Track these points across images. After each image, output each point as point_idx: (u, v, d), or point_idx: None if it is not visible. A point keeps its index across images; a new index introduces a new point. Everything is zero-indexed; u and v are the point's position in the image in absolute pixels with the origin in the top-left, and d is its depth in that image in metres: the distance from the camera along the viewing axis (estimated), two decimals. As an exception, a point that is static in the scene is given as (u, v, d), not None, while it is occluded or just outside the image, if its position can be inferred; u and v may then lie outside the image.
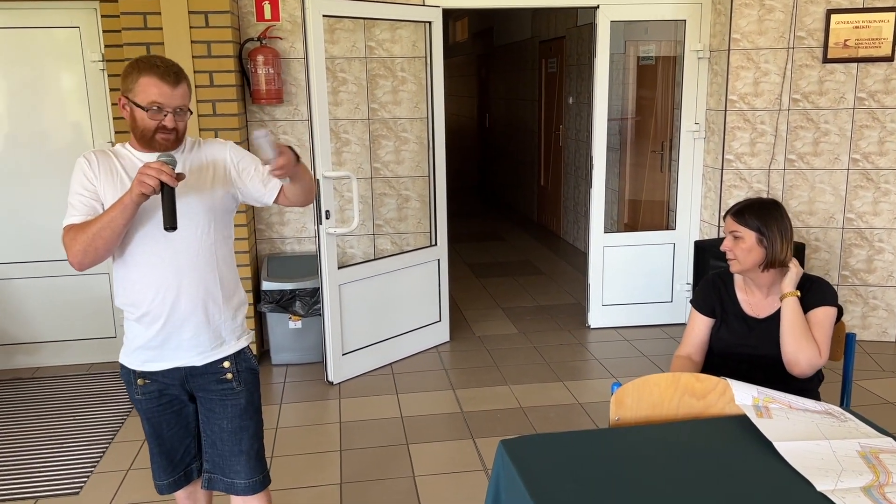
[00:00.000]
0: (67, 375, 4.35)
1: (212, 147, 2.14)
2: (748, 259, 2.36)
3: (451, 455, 3.36)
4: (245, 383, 2.18)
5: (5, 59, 4.18)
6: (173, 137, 2.01)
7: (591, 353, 4.61)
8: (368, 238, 4.79)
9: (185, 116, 2.02)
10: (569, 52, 7.29)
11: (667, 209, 5.27)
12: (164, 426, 2.19)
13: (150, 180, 1.83)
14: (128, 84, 1.98)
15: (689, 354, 2.50)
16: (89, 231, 1.91)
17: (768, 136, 4.50)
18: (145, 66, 1.96)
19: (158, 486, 2.28)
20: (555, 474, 1.71)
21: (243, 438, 2.18)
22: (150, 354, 2.11)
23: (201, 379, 2.14)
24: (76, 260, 1.96)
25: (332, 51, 4.47)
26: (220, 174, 2.11)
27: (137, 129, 2.00)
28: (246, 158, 2.15)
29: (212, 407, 2.17)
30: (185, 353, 2.10)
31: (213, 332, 2.12)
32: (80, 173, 2.02)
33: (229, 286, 2.15)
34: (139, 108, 1.96)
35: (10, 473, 3.26)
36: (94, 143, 4.30)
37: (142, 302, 2.05)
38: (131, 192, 1.87)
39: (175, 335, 2.08)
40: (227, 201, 2.12)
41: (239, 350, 2.18)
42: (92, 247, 1.92)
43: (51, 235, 4.35)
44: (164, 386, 2.15)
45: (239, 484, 2.20)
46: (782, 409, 1.95)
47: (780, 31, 4.38)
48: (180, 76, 1.98)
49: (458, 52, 12.20)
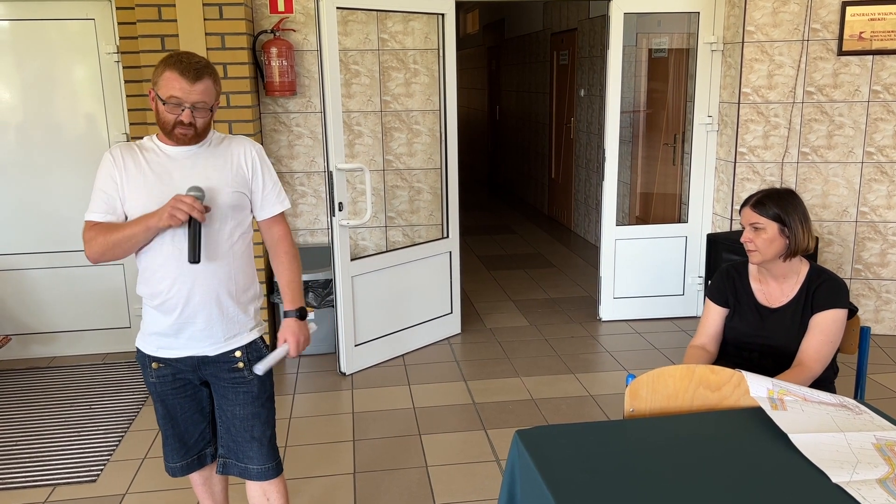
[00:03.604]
0: (83, 365, 4.39)
1: (238, 145, 2.18)
2: (770, 250, 2.35)
3: (463, 446, 3.38)
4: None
5: (21, 50, 4.21)
6: (191, 133, 2.04)
7: (603, 346, 4.61)
8: (381, 230, 4.81)
9: (206, 113, 2.05)
10: (581, 45, 7.26)
11: (679, 202, 5.26)
12: (178, 409, 2.24)
13: (181, 214, 1.92)
14: (155, 77, 2.04)
15: (703, 344, 2.51)
16: (110, 239, 1.99)
17: (782, 128, 4.48)
18: (171, 61, 2.01)
19: (171, 468, 2.32)
20: (570, 465, 1.72)
21: (255, 425, 2.22)
22: (164, 341, 2.15)
23: (213, 367, 2.18)
24: (93, 258, 2.04)
25: (345, 43, 4.48)
26: (240, 172, 2.15)
27: (160, 122, 2.05)
28: (262, 170, 2.20)
29: (224, 394, 2.21)
30: (198, 343, 2.14)
31: (226, 323, 2.15)
32: (105, 170, 2.06)
33: (244, 279, 2.18)
34: (160, 102, 2.01)
35: (28, 461, 3.30)
36: (108, 134, 4.33)
37: (159, 292, 2.09)
38: (160, 219, 1.94)
39: (189, 325, 2.11)
40: (243, 199, 2.16)
41: (251, 341, 2.21)
42: (110, 252, 2.01)
43: (66, 226, 4.39)
44: (178, 370, 2.19)
45: (252, 469, 2.24)
46: (797, 402, 1.96)
47: (795, 24, 4.36)
48: (202, 73, 2.01)
49: (469, 44, 12.18)
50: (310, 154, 4.59)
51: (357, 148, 4.65)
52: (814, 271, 2.41)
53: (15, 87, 4.25)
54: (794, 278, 2.41)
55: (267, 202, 2.20)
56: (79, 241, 4.38)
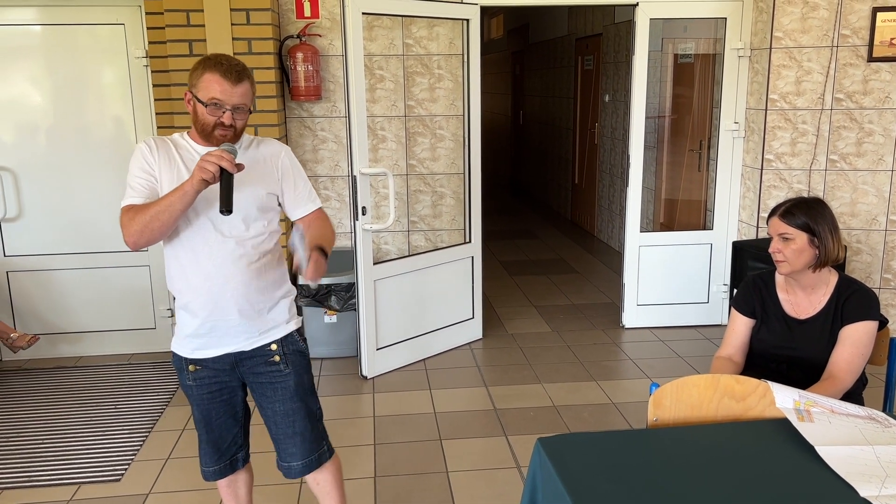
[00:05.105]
0: (109, 365, 4.45)
1: (269, 146, 2.21)
2: (799, 260, 2.32)
3: (484, 452, 3.37)
4: (293, 365, 2.23)
5: (52, 55, 4.29)
6: (231, 134, 2.07)
7: (626, 353, 4.58)
8: (403, 234, 4.82)
9: (245, 115, 2.08)
10: (606, 50, 7.23)
11: (704, 209, 5.21)
12: (213, 414, 2.25)
13: (211, 166, 1.90)
14: (193, 79, 2.05)
15: (729, 355, 2.47)
16: (148, 213, 1.97)
17: (810, 135, 4.42)
18: (210, 63, 2.03)
19: (205, 472, 2.34)
20: (593, 474, 1.71)
21: (297, 420, 2.24)
22: (199, 342, 2.17)
23: (250, 362, 2.20)
24: (132, 240, 2.01)
25: (370, 48, 4.50)
26: (270, 173, 2.17)
27: (198, 124, 2.07)
28: (293, 169, 2.21)
29: (263, 391, 2.23)
30: (233, 339, 2.16)
31: (259, 318, 2.17)
32: (140, 157, 2.08)
33: (274, 279, 2.20)
34: (200, 104, 2.03)
35: (54, 460, 3.35)
36: (136, 137, 4.39)
37: (189, 288, 2.12)
38: (192, 179, 1.93)
39: (222, 322, 2.13)
40: (273, 199, 2.18)
41: (286, 334, 2.23)
42: (148, 228, 1.97)
43: (93, 227, 4.46)
44: (215, 373, 2.21)
45: (295, 466, 2.27)
46: (824, 414, 1.93)
47: (824, 30, 4.30)
48: (242, 75, 2.04)
49: (493, 49, 12.18)
50: (334, 158, 4.62)
51: (381, 152, 4.67)
52: (843, 282, 2.37)
53: (46, 90, 4.33)
54: (823, 289, 2.37)
55: (300, 201, 2.22)
56: (106, 243, 4.47)
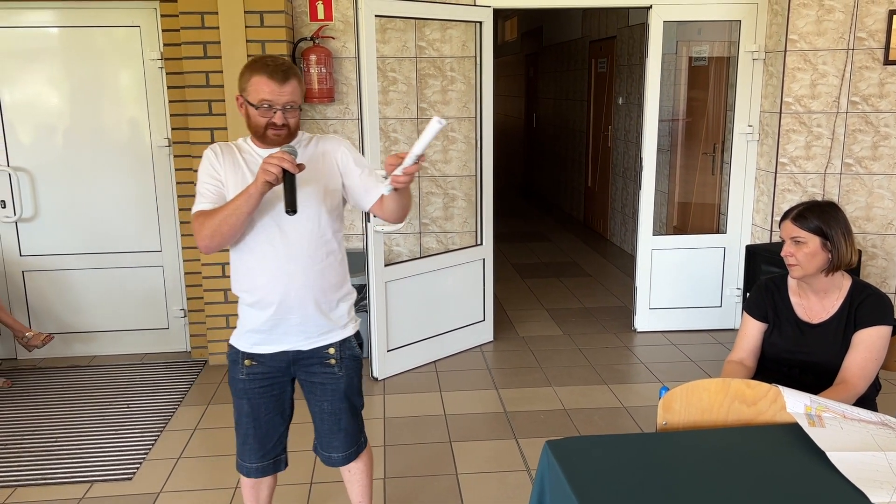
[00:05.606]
0: (122, 364, 4.48)
1: (327, 143, 2.23)
2: (811, 264, 2.30)
3: (494, 454, 3.36)
4: (347, 369, 2.29)
5: (69, 57, 4.33)
6: (284, 133, 2.09)
7: (637, 357, 4.56)
8: (415, 236, 4.83)
9: (296, 112, 2.10)
10: (619, 52, 7.21)
11: (717, 212, 5.18)
12: (262, 409, 2.28)
13: (274, 168, 1.92)
14: (242, 84, 2.08)
15: (741, 360, 2.46)
16: (216, 218, 2.01)
17: (825, 139, 4.39)
18: (256, 65, 2.06)
19: (246, 468, 2.35)
20: (601, 477, 1.70)
21: (342, 419, 2.32)
22: (259, 338, 2.21)
23: (306, 362, 2.25)
24: (204, 244, 2.06)
25: (383, 50, 4.51)
26: (332, 170, 2.19)
27: (252, 126, 2.10)
28: (354, 161, 2.22)
29: (313, 390, 2.30)
30: (293, 338, 2.20)
31: (320, 319, 2.20)
32: (208, 163, 2.12)
33: (337, 277, 2.24)
34: (252, 107, 2.06)
35: (67, 458, 3.38)
36: (151, 139, 4.42)
37: (255, 288, 2.15)
38: (256, 182, 1.96)
39: (284, 321, 2.17)
40: (335, 197, 2.20)
41: (344, 338, 2.28)
42: (218, 232, 2.02)
43: (108, 228, 4.50)
44: (270, 369, 2.24)
45: (336, 458, 2.38)
46: (836, 419, 1.91)
47: (840, 32, 4.27)
48: (289, 74, 2.05)
49: (507, 51, 12.18)
50: (346, 160, 4.63)
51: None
52: (856, 286, 2.35)
53: (64, 91, 4.37)
54: (836, 293, 2.35)
55: (369, 187, 2.19)
56: (121, 243, 4.51)
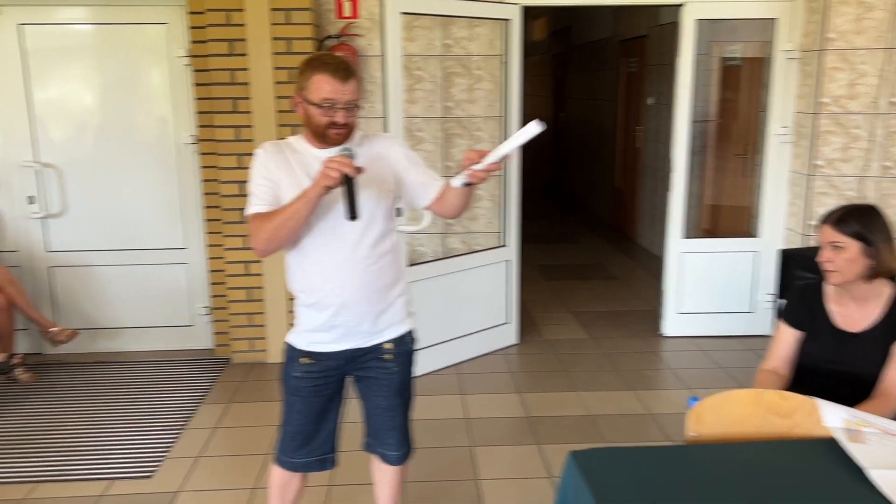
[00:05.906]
0: (146, 361, 4.49)
1: (381, 142, 2.21)
2: (851, 270, 2.21)
3: (515, 460, 3.30)
4: (402, 365, 2.31)
5: (101, 54, 4.35)
6: (345, 132, 2.07)
7: (665, 363, 4.46)
8: (439, 237, 4.77)
9: (356, 111, 2.07)
10: (651, 52, 7.10)
11: (749, 215, 5.05)
12: (313, 407, 2.27)
13: (334, 173, 1.90)
14: (302, 82, 2.05)
15: (774, 368, 2.37)
16: (275, 221, 2.00)
17: (863, 141, 4.25)
18: (318, 64, 2.03)
19: (289, 462, 2.33)
20: (627, 491, 1.63)
21: (396, 415, 2.34)
22: (318, 337, 2.21)
23: (363, 359, 2.26)
24: (261, 247, 2.04)
25: (409, 48, 4.47)
26: (387, 169, 2.17)
27: (312, 125, 2.07)
28: (408, 158, 2.21)
29: (367, 384, 2.31)
30: (352, 338, 2.21)
31: (377, 317, 2.21)
32: (261, 164, 2.10)
33: (392, 276, 2.23)
34: (312, 106, 2.02)
35: (88, 454, 3.38)
36: (177, 137, 4.42)
37: (314, 290, 2.15)
38: (316, 186, 1.93)
39: (342, 321, 2.17)
40: (390, 197, 2.18)
41: (401, 334, 2.29)
42: (277, 236, 2.01)
43: (135, 225, 4.51)
44: (325, 368, 2.24)
45: (391, 456, 2.39)
46: (877, 434, 1.82)
47: (880, 31, 4.13)
48: (350, 72, 2.03)
49: (535, 51, 12.09)
50: (371, 159, 4.59)
51: (418, 154, 4.62)
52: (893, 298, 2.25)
53: (96, 89, 4.39)
54: (876, 301, 2.25)
55: (428, 184, 2.19)
56: (147, 240, 4.52)
